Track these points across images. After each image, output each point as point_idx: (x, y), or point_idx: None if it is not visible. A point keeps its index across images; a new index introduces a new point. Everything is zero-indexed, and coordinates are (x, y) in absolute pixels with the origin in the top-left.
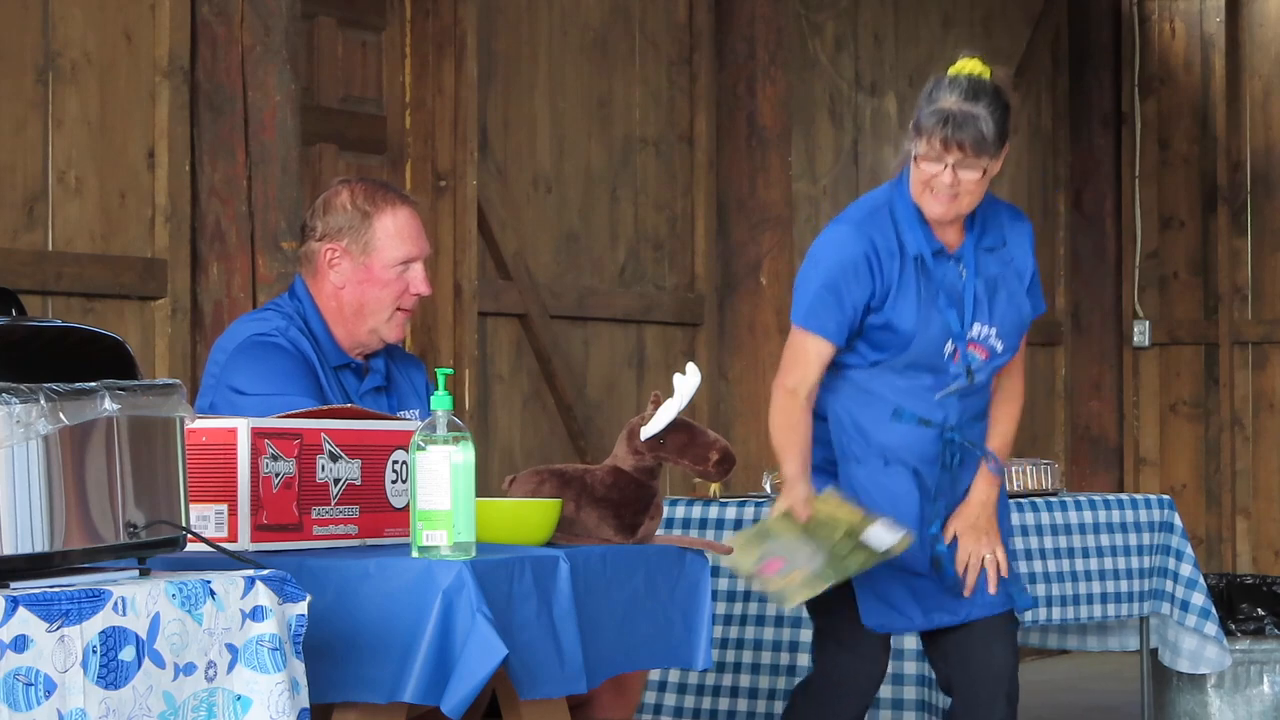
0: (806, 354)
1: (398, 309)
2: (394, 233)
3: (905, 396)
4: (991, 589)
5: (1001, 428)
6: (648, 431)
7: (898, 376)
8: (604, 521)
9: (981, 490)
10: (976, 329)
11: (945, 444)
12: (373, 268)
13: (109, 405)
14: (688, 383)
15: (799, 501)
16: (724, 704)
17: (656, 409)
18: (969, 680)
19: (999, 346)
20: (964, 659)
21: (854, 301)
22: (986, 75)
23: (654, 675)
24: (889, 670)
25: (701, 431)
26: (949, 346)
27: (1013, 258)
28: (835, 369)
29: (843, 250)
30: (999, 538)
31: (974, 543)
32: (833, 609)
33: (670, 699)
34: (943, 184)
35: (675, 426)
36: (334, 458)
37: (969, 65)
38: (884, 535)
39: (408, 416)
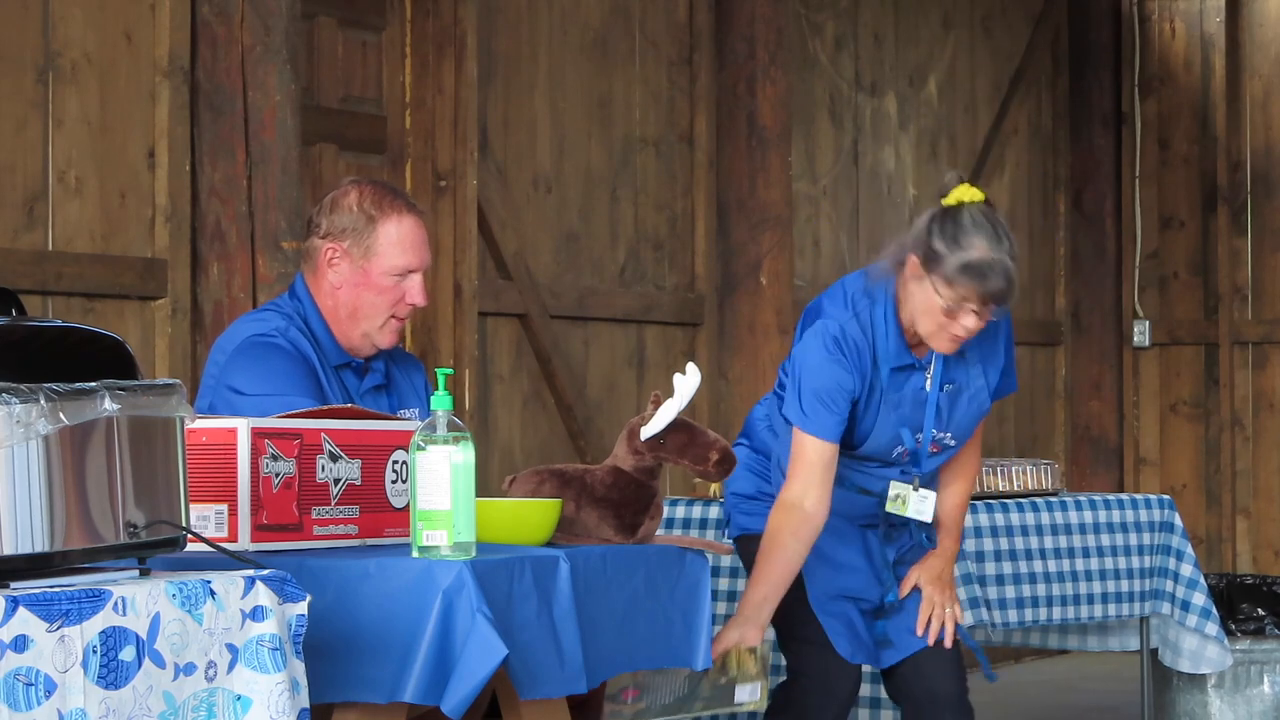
0: (807, 455)
1: (392, 316)
2: (396, 241)
3: (847, 468)
4: (948, 643)
5: (950, 503)
6: (648, 431)
7: (844, 454)
8: (604, 521)
9: (946, 546)
10: (932, 434)
11: (885, 515)
12: (371, 273)
13: (109, 405)
14: (688, 383)
15: (749, 638)
16: None
17: (656, 409)
18: (916, 709)
19: (952, 444)
20: (909, 688)
21: (842, 412)
22: (983, 198)
23: None
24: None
25: (701, 432)
26: (899, 449)
27: (981, 357)
28: (788, 423)
29: (828, 371)
30: (955, 595)
31: (939, 594)
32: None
33: None
34: (967, 328)
35: (675, 426)
36: (334, 458)
37: (967, 193)
38: (747, 695)
39: (408, 416)
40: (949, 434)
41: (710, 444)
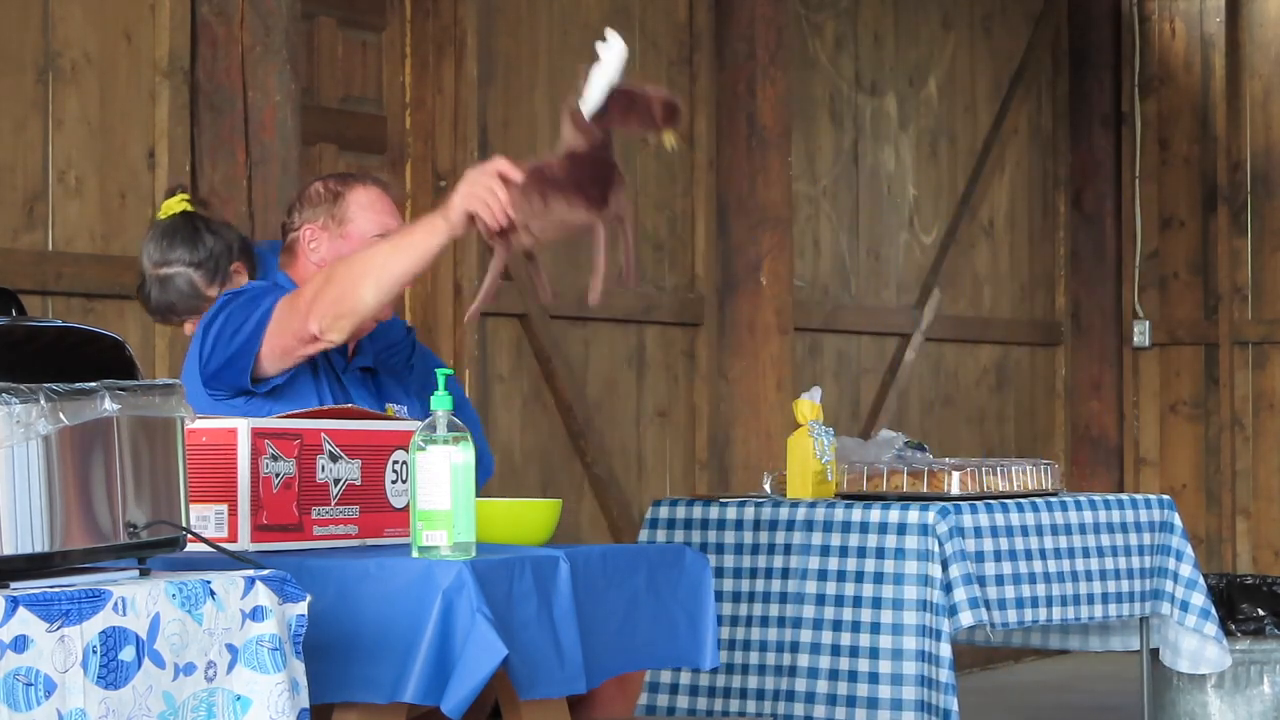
0: None
1: None
2: (366, 205)
3: None
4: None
5: None
6: (587, 106)
7: None
8: (574, 205)
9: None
10: None
11: None
12: (350, 238)
13: (109, 405)
14: (611, 49)
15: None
16: (731, 705)
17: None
18: None
19: None
20: None
21: None
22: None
23: (658, 676)
24: (889, 670)
25: (639, 90)
26: None
27: None
28: None
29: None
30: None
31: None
32: None
33: (667, 699)
34: None
35: (613, 96)
36: (334, 458)
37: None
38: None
39: (395, 409)
40: None
41: (651, 98)
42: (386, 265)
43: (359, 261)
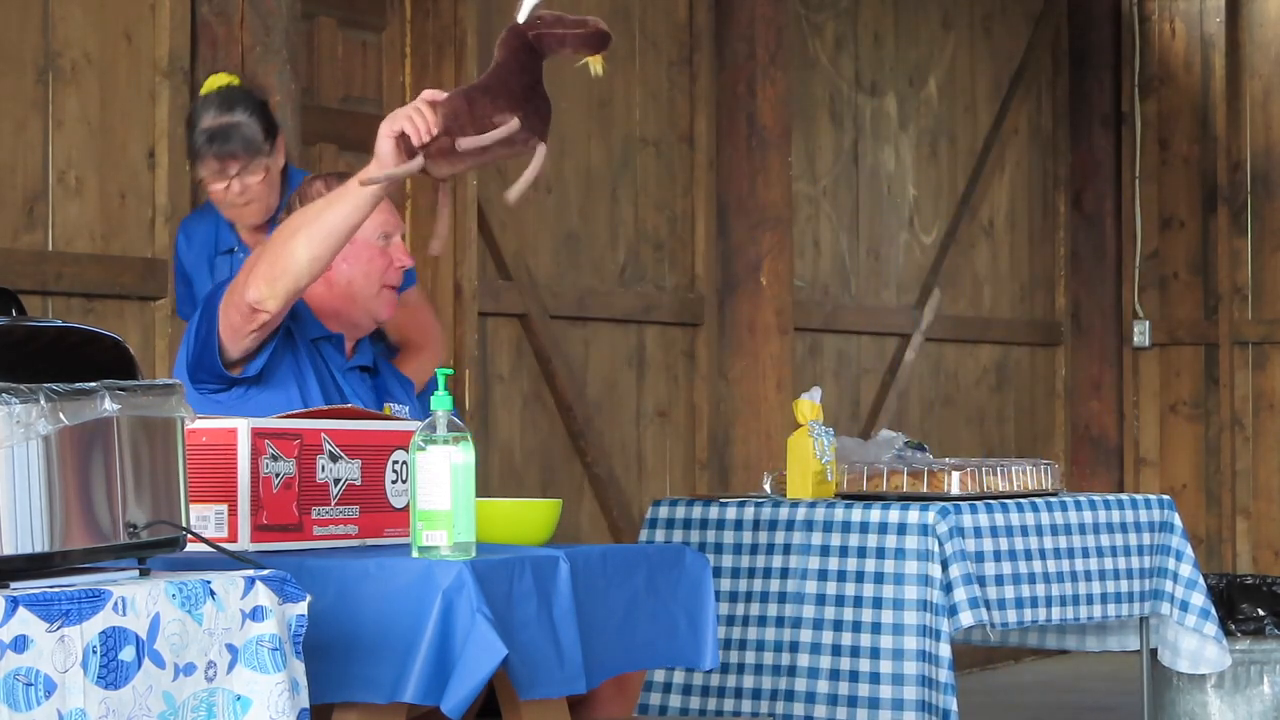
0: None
1: (384, 285)
2: None
3: None
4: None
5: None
6: (522, 15)
7: None
8: (500, 109)
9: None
10: None
11: None
12: (356, 242)
13: (109, 405)
14: None
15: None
16: (731, 705)
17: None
18: None
19: None
20: None
21: None
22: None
23: (657, 676)
24: (890, 670)
25: (574, 17)
26: None
27: None
28: None
29: None
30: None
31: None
32: None
33: (667, 699)
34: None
35: (543, 16)
36: (334, 458)
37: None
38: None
39: (395, 408)
40: None
41: (581, 21)
42: (319, 218)
43: (290, 222)
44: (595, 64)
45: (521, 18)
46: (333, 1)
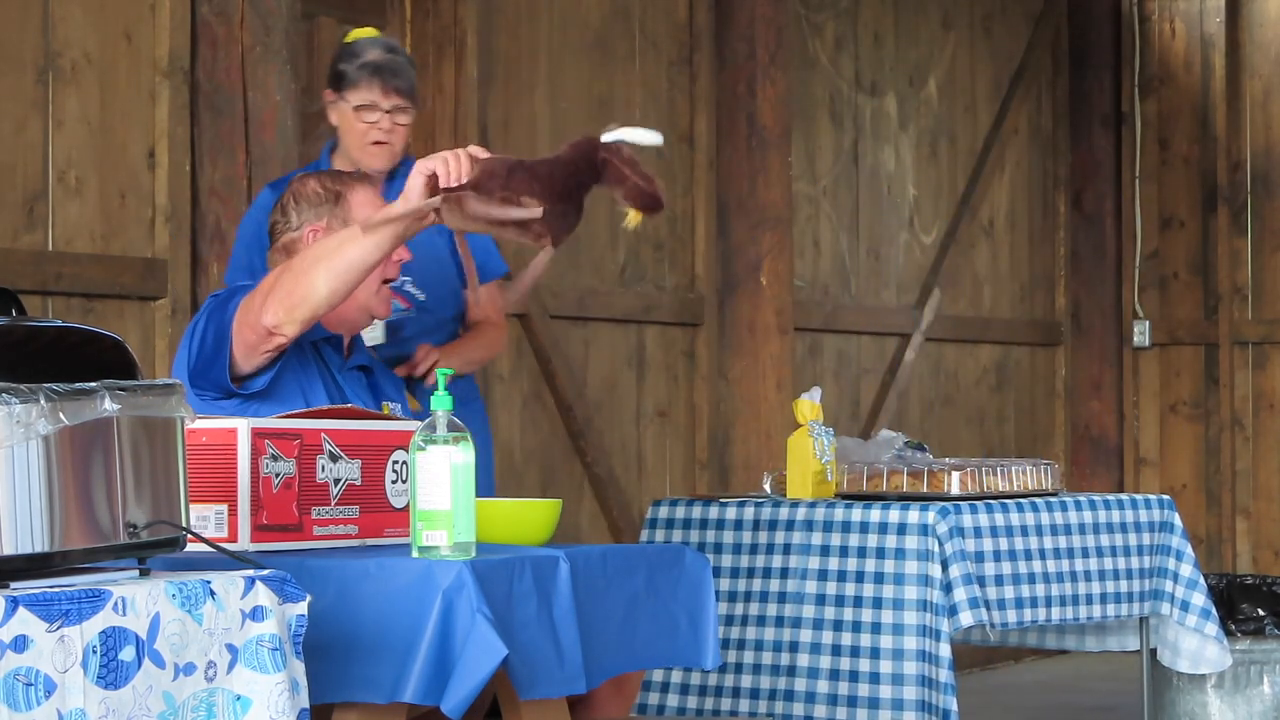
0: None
1: (383, 281)
2: (366, 203)
3: None
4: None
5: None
6: (610, 135)
7: None
8: (533, 197)
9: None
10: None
11: None
12: None
13: (109, 405)
14: (649, 137)
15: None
16: (731, 705)
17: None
18: None
19: (421, 297)
20: None
21: None
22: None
23: (655, 676)
24: (890, 670)
25: (643, 169)
26: None
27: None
28: None
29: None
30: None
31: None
32: None
33: (667, 699)
34: (384, 129)
35: (622, 151)
36: (334, 458)
37: (363, 32)
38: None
39: (392, 408)
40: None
41: (647, 178)
42: (340, 250)
43: (313, 251)
44: (634, 218)
45: (606, 137)
46: (333, 1)
